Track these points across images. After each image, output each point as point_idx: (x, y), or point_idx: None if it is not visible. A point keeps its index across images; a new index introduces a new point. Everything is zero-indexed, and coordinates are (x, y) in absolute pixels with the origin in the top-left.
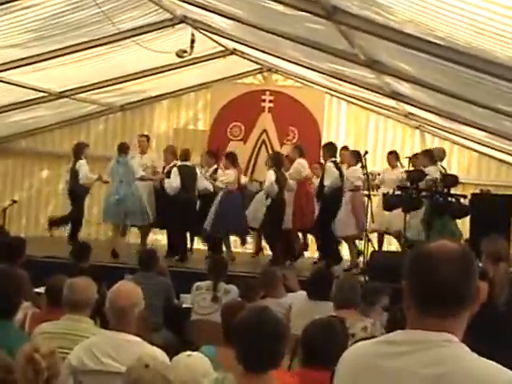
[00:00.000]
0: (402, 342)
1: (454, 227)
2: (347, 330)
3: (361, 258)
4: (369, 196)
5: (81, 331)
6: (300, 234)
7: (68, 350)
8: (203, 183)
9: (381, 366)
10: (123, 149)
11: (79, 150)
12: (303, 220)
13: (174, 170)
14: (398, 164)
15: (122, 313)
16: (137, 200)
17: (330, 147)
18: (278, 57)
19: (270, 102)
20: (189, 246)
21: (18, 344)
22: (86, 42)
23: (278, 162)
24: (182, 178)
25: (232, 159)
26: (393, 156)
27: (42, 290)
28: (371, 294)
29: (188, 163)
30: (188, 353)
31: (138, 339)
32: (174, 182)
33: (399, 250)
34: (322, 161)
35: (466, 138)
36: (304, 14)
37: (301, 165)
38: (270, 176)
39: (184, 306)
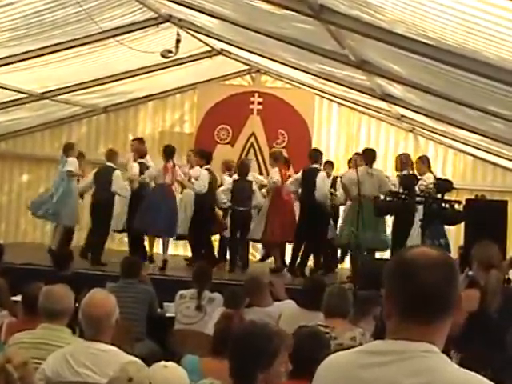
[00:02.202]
0: (381, 352)
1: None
2: (326, 343)
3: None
4: (360, 202)
5: (57, 341)
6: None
7: (43, 360)
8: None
9: (360, 376)
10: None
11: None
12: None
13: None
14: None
15: (96, 322)
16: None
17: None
18: (267, 57)
19: (259, 103)
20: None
21: None
22: (67, 42)
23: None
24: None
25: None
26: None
27: (19, 298)
28: (363, 303)
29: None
30: (164, 363)
31: (115, 349)
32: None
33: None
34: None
35: (460, 142)
36: (291, 13)
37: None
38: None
39: (167, 315)
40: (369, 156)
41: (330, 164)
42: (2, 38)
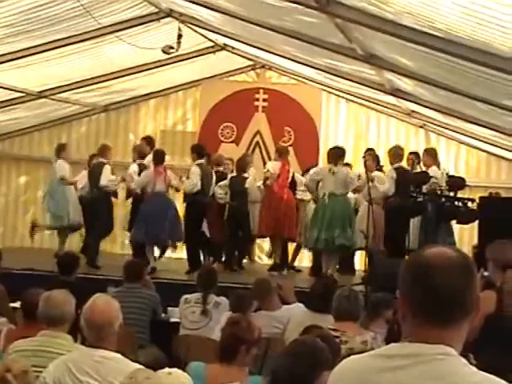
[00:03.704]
0: (396, 356)
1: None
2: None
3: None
4: (370, 201)
5: (58, 348)
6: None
7: (44, 368)
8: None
9: (376, 381)
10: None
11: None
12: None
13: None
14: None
15: (98, 329)
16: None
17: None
18: (272, 52)
19: (264, 100)
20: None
21: None
22: (65, 38)
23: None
24: None
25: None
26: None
27: (18, 304)
28: (375, 306)
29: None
30: (168, 370)
31: (118, 356)
32: None
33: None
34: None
35: (473, 137)
36: (296, 5)
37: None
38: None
39: (172, 320)
40: (334, 154)
41: (347, 166)
42: None
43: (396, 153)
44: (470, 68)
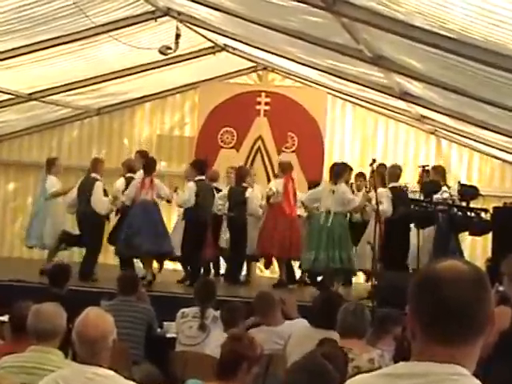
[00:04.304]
0: (405, 375)
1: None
2: (342, 366)
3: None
4: (377, 212)
5: (48, 364)
6: None
7: None
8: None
9: None
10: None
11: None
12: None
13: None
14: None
15: (91, 344)
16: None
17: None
18: (275, 53)
19: (266, 104)
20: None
21: None
22: (57, 38)
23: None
24: None
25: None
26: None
27: (6, 318)
28: (382, 322)
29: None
30: None
31: (112, 373)
32: None
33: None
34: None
35: (486, 144)
36: (301, 4)
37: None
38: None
39: (168, 335)
40: (335, 171)
41: (361, 176)
42: None
43: (394, 172)
44: (483, 71)
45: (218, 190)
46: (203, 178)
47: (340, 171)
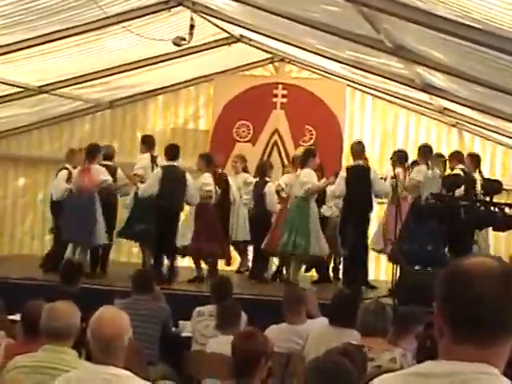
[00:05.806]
0: (432, 375)
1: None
2: (363, 364)
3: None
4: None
5: (62, 364)
6: None
7: None
8: None
9: None
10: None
11: None
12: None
13: None
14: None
15: (107, 344)
16: None
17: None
18: (292, 44)
19: (283, 96)
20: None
21: None
22: (67, 29)
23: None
24: None
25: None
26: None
27: (17, 317)
28: (404, 320)
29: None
30: None
31: (128, 373)
32: None
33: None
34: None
35: (511, 137)
36: None
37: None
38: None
39: (183, 334)
40: (302, 157)
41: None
42: None
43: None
44: (508, 61)
45: (227, 182)
46: (174, 163)
47: (307, 156)
